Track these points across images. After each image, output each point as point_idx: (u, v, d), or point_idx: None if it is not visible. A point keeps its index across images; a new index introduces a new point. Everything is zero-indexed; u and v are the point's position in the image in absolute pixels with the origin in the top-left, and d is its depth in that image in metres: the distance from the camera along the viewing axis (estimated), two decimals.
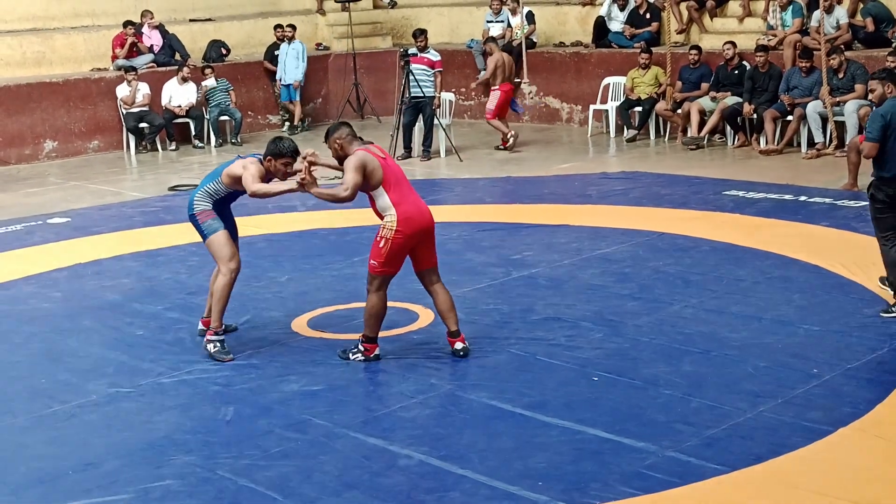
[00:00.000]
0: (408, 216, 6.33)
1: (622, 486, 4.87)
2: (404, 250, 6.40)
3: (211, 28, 17.41)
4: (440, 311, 6.64)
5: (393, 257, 6.37)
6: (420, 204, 6.46)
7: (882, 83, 7.10)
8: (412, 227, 6.33)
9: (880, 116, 6.90)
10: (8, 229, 10.64)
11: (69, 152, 15.22)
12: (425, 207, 6.49)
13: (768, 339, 6.70)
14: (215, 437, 5.61)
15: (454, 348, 6.61)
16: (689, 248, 8.85)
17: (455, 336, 6.62)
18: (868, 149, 6.95)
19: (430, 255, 6.55)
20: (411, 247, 6.42)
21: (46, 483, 5.15)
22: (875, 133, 6.89)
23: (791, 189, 10.84)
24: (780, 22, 14.07)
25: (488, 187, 11.90)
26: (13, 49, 15.64)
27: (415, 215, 6.37)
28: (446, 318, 6.62)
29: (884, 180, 6.97)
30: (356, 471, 5.15)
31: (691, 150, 13.51)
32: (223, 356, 6.69)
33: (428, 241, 6.50)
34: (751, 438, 5.30)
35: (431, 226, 6.47)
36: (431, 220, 6.48)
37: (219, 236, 6.76)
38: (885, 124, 6.87)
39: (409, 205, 6.37)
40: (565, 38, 16.85)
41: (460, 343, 6.62)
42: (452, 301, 6.63)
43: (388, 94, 16.77)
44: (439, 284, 6.59)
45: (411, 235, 6.34)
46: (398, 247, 6.33)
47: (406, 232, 6.31)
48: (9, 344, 7.27)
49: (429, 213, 6.47)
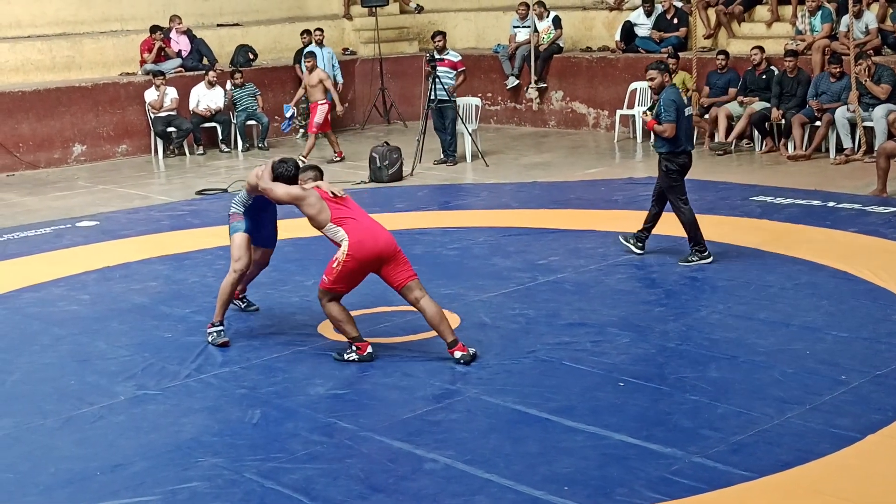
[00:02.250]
0: (359, 241, 6.48)
1: (648, 491, 4.85)
2: (355, 273, 6.56)
3: (238, 33, 17.50)
4: (431, 325, 6.65)
5: (343, 278, 6.56)
6: (376, 230, 6.55)
7: (660, 73, 8.46)
8: (364, 251, 6.48)
9: (672, 102, 8.29)
10: (37, 232, 10.72)
11: (98, 156, 15.34)
12: (384, 235, 6.55)
13: (796, 345, 6.66)
14: (242, 440, 5.63)
15: (454, 358, 6.59)
16: (717, 254, 8.80)
17: (453, 346, 6.61)
18: (669, 129, 8.31)
19: (399, 275, 6.58)
20: (367, 270, 6.58)
21: (75, 484, 5.19)
22: (673, 115, 8.27)
23: (819, 195, 10.78)
24: (808, 27, 14.01)
25: (514, 192, 11.90)
26: (43, 53, 15.78)
27: (367, 240, 6.49)
28: (438, 330, 6.63)
29: (677, 154, 8.44)
30: (382, 474, 5.16)
31: (718, 156, 13.46)
32: (220, 340, 7.08)
33: (390, 263, 6.56)
34: (778, 445, 5.27)
35: (388, 250, 6.53)
36: (387, 245, 6.53)
37: (237, 237, 7.14)
38: (678, 107, 8.30)
39: (363, 231, 6.51)
40: (592, 42, 16.84)
41: (459, 352, 6.59)
42: (441, 312, 6.63)
43: (415, 98, 16.81)
44: (424, 299, 6.60)
45: (362, 259, 6.49)
46: (348, 270, 6.52)
47: (356, 256, 6.48)
48: (38, 345, 7.33)
49: (383, 240, 6.53)
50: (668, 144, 8.44)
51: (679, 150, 8.47)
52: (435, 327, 6.64)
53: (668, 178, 8.53)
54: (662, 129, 8.35)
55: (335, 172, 13.46)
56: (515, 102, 17.17)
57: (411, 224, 10.44)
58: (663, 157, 8.53)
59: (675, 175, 8.51)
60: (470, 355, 6.60)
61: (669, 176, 8.52)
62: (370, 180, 12.81)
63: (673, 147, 8.45)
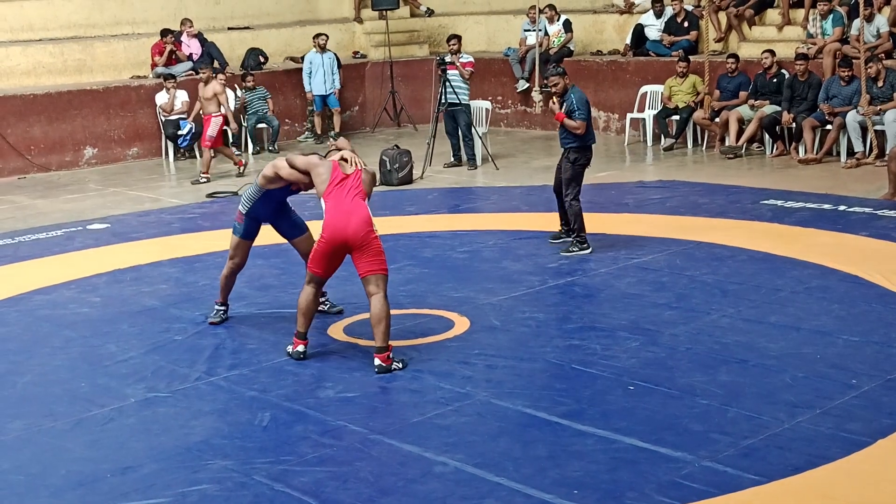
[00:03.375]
0: (331, 223, 6.58)
1: (658, 495, 4.85)
2: (327, 255, 6.65)
3: (249, 36, 17.54)
4: (371, 322, 6.61)
5: (318, 259, 6.69)
6: (351, 216, 6.55)
7: (561, 77, 9.15)
8: (332, 235, 6.57)
9: (585, 101, 9.09)
10: (48, 235, 10.76)
11: (109, 159, 15.38)
12: (357, 220, 6.53)
13: (807, 349, 6.65)
14: (251, 443, 5.64)
15: (374, 363, 6.57)
16: (727, 258, 8.79)
17: (379, 352, 6.56)
18: (583, 126, 9.02)
19: (366, 265, 6.58)
20: (337, 253, 6.66)
21: (85, 486, 5.20)
22: (585, 114, 9.06)
23: (830, 198, 10.76)
24: (820, 30, 13.98)
25: (524, 195, 11.90)
26: (55, 57, 15.84)
27: (338, 225, 6.55)
28: (374, 330, 6.58)
29: (587, 148, 9.19)
30: (391, 477, 5.16)
31: (729, 159, 13.44)
32: (214, 318, 7.63)
33: (360, 251, 6.57)
34: (788, 449, 5.26)
35: (357, 238, 6.52)
36: (358, 232, 6.51)
37: (233, 238, 7.56)
38: (588, 106, 9.16)
39: (337, 210, 6.59)
40: (602, 46, 16.83)
41: (378, 359, 6.55)
42: (385, 315, 6.53)
43: (425, 102, 16.82)
44: (376, 297, 6.55)
45: (331, 241, 6.58)
46: (320, 251, 6.66)
47: (326, 238, 6.59)
48: (49, 348, 7.35)
49: (356, 221, 6.52)
50: (579, 139, 9.09)
51: (588, 145, 9.19)
52: (373, 326, 6.59)
53: (574, 169, 9.17)
54: (577, 125, 9.01)
55: None
56: (525, 106, 17.16)
57: (421, 227, 10.45)
58: (573, 150, 9.15)
59: (582, 167, 9.22)
60: (385, 368, 6.51)
61: (576, 168, 9.17)
62: (380, 183, 12.82)
63: (583, 142, 9.13)
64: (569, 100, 9.08)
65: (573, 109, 9.00)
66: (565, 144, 9.21)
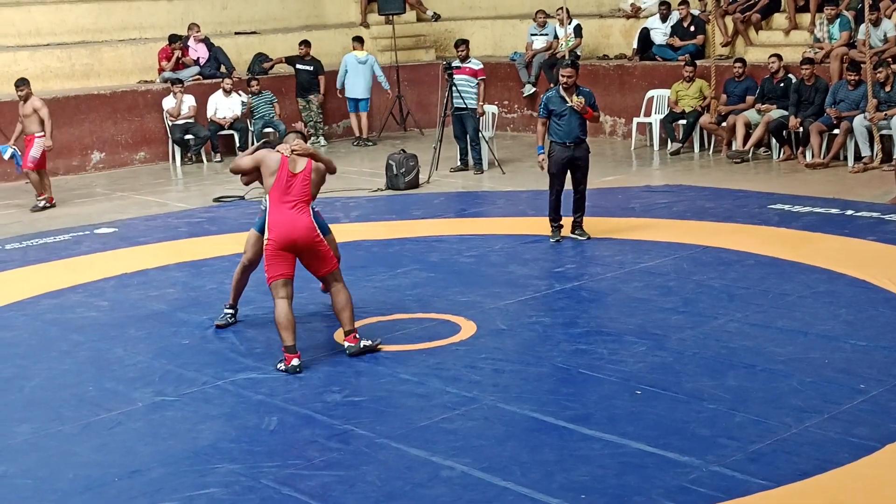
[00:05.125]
0: (276, 226, 6.73)
1: (666, 500, 4.84)
2: (278, 257, 6.75)
3: (256, 41, 17.56)
4: (334, 310, 6.94)
5: (270, 263, 6.78)
6: (296, 218, 6.73)
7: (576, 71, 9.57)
8: (280, 236, 6.71)
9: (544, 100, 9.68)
10: (56, 239, 10.78)
11: (116, 163, 15.41)
12: (302, 223, 6.74)
13: (814, 354, 6.64)
14: (259, 447, 5.65)
15: (345, 346, 6.90)
16: (734, 262, 8.79)
17: (347, 335, 6.89)
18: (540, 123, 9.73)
19: (320, 267, 6.89)
20: (287, 255, 6.76)
21: (93, 490, 5.21)
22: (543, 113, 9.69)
23: (837, 203, 10.74)
24: (827, 34, 13.96)
25: (531, 200, 11.89)
26: (62, 61, 15.87)
27: (283, 226, 6.72)
28: (339, 318, 6.90)
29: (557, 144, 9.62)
30: (398, 481, 5.16)
31: (736, 164, 13.43)
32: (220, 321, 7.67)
33: (309, 256, 6.83)
34: (796, 454, 5.25)
35: (304, 240, 6.74)
36: (305, 234, 6.74)
37: (250, 232, 7.59)
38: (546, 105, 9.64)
39: (282, 216, 6.73)
40: (609, 50, 16.83)
41: (348, 342, 6.88)
42: (348, 302, 6.85)
43: (431, 106, 16.84)
44: (337, 287, 6.87)
45: (280, 243, 6.72)
46: (270, 253, 6.76)
47: (274, 240, 6.73)
48: (56, 352, 7.36)
49: (302, 229, 6.73)
50: (586, 132, 9.69)
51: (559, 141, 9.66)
52: (339, 313, 6.88)
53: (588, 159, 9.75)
54: (598, 115, 9.83)
55: (352, 180, 13.49)
56: (532, 110, 17.15)
57: (428, 231, 10.45)
58: (585, 142, 9.69)
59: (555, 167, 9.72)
60: (358, 348, 6.84)
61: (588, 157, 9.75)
62: (386, 188, 12.83)
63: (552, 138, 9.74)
64: (585, 94, 9.51)
65: (593, 102, 9.56)
66: (581, 137, 9.58)
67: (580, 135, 9.58)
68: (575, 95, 9.46)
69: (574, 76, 9.51)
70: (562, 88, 9.56)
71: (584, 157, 9.67)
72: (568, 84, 9.50)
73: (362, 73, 16.32)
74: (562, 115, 9.51)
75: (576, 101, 9.39)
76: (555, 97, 9.61)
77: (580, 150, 9.63)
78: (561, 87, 9.60)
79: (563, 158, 9.61)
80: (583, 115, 9.47)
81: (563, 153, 9.60)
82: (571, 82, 9.49)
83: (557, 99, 9.57)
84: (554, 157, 9.65)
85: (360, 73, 16.32)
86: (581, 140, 9.60)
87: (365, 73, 16.33)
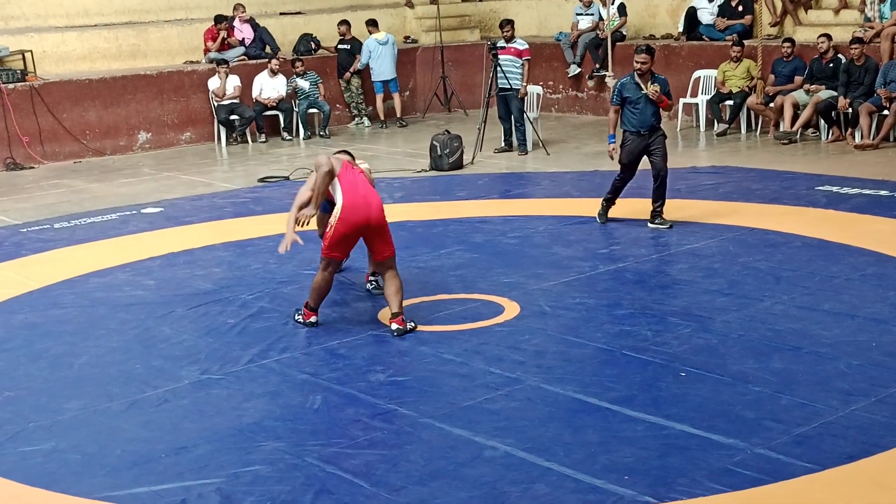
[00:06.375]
0: (351, 206, 6.80)
1: (710, 482, 4.82)
2: (347, 238, 6.91)
3: (301, 21, 17.61)
4: (386, 295, 7.07)
5: (336, 243, 6.91)
6: (370, 198, 6.88)
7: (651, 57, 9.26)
8: (354, 216, 6.81)
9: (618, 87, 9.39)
10: (104, 218, 10.90)
11: (162, 143, 15.55)
12: (376, 204, 6.90)
13: (862, 336, 6.56)
14: (303, 425, 5.69)
15: (390, 327, 7.00)
16: (781, 244, 8.71)
17: (394, 317, 7.00)
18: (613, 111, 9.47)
19: (384, 249, 7.00)
20: (357, 236, 6.93)
21: (141, 465, 5.28)
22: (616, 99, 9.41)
23: (887, 185, 10.60)
24: (878, 14, 13.75)
25: (575, 181, 11.85)
26: (109, 42, 16.02)
27: (359, 207, 6.82)
28: (390, 301, 7.03)
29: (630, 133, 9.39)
30: (441, 461, 5.18)
31: (783, 145, 13.29)
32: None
33: (377, 234, 6.95)
34: (843, 437, 5.21)
35: (376, 220, 6.88)
36: (377, 215, 6.88)
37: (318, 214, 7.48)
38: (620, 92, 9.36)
39: (356, 196, 6.83)
40: (655, 30, 16.70)
41: (395, 324, 6.97)
42: (400, 288, 6.99)
43: (475, 87, 16.80)
44: (391, 273, 7.00)
45: (353, 224, 6.82)
46: (339, 234, 6.86)
47: (346, 219, 6.81)
48: (105, 329, 7.45)
49: (376, 209, 6.88)
50: (660, 119, 9.42)
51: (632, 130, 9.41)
52: (391, 297, 7.01)
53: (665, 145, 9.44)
54: (672, 102, 9.53)
55: (396, 161, 13.51)
56: (577, 91, 17.09)
57: (472, 213, 10.44)
58: (659, 128, 9.42)
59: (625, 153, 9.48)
60: (404, 329, 6.95)
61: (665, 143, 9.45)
62: (430, 168, 12.83)
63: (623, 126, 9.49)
64: (660, 81, 9.27)
65: (668, 90, 9.29)
66: (655, 124, 9.33)
67: (654, 123, 9.31)
68: (650, 83, 9.20)
69: (649, 62, 9.21)
70: (636, 75, 9.28)
71: (660, 144, 9.34)
72: (642, 70, 9.22)
73: (385, 53, 16.33)
74: (636, 103, 9.24)
75: (651, 90, 9.13)
76: (629, 84, 9.29)
77: (655, 138, 9.33)
78: (635, 73, 9.31)
79: (636, 148, 9.35)
80: (658, 103, 9.22)
81: (636, 143, 9.33)
82: (646, 69, 9.22)
83: (632, 86, 9.27)
84: (627, 146, 9.38)
85: (383, 55, 16.34)
86: (655, 128, 9.34)
87: (387, 53, 16.34)
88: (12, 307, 8.06)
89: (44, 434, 5.70)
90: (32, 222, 10.88)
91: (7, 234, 10.43)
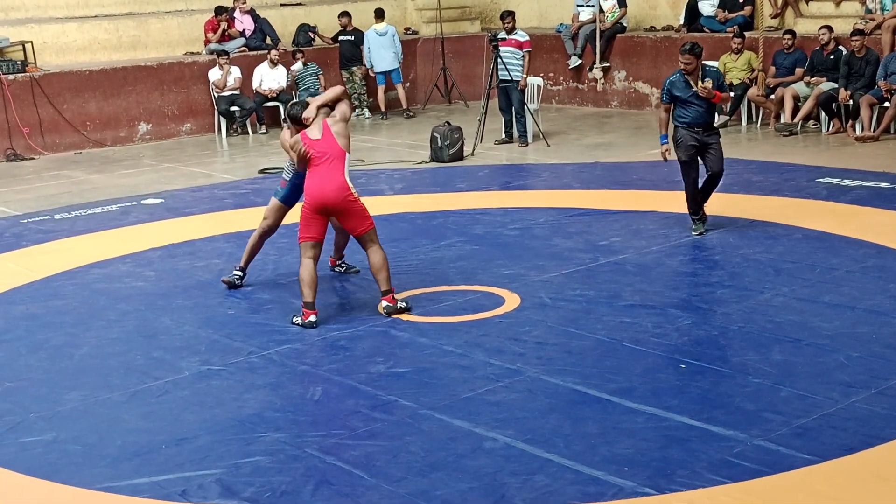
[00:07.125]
0: (309, 189, 7.05)
1: (709, 473, 4.83)
2: (311, 220, 7.05)
3: (301, 12, 17.58)
4: (371, 271, 7.21)
5: (304, 224, 7.08)
6: (326, 181, 6.98)
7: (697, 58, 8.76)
8: (313, 199, 7.02)
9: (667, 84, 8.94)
10: (104, 209, 10.90)
11: (162, 135, 15.54)
12: (333, 184, 6.98)
13: (862, 328, 6.57)
14: (303, 416, 5.70)
15: (379, 306, 7.17)
16: (781, 236, 8.71)
17: (384, 295, 7.16)
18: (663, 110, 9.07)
19: (354, 226, 7.14)
20: (320, 217, 7.06)
21: (141, 456, 5.29)
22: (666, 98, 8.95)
23: (887, 177, 10.60)
24: (879, 6, 13.73)
25: (576, 173, 11.85)
26: (110, 33, 16.00)
27: (314, 189, 7.00)
28: (376, 278, 7.18)
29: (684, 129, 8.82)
30: (441, 452, 5.19)
31: (784, 137, 13.28)
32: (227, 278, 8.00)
33: (343, 215, 7.12)
34: (842, 429, 5.21)
35: (335, 200, 7.00)
36: (335, 195, 6.98)
37: (272, 200, 7.88)
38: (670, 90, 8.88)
39: (313, 179, 7.03)
40: (656, 22, 16.67)
41: (385, 301, 7.15)
42: (384, 264, 7.15)
43: (476, 78, 16.78)
44: (372, 249, 7.15)
45: (313, 207, 7.02)
46: (305, 214, 7.07)
47: (307, 203, 7.05)
48: (105, 321, 7.46)
49: (332, 190, 6.97)
50: (714, 115, 8.98)
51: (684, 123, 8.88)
52: (376, 274, 7.16)
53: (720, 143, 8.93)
54: (728, 96, 9.01)
55: (396, 152, 13.50)
56: (578, 82, 17.07)
57: (472, 204, 10.44)
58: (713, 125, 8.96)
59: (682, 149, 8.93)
60: (395, 308, 7.12)
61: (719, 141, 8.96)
62: (431, 160, 12.83)
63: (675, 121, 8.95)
64: (712, 76, 8.82)
65: (721, 82, 8.88)
66: (709, 120, 8.86)
67: (708, 119, 8.84)
68: (700, 80, 8.71)
69: (692, 62, 8.67)
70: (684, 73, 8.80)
71: (715, 140, 8.83)
72: (688, 71, 8.72)
73: (384, 44, 16.28)
74: (687, 102, 8.75)
75: (700, 87, 8.66)
76: (678, 81, 8.79)
77: (710, 134, 8.84)
78: None
79: (693, 143, 8.78)
80: (710, 100, 8.73)
81: (692, 137, 8.78)
82: (691, 69, 8.69)
83: (681, 83, 8.76)
84: (682, 142, 8.80)
85: (382, 46, 16.29)
86: (709, 124, 8.87)
87: (386, 44, 16.29)
88: (13, 298, 8.07)
89: (44, 425, 5.71)
90: (33, 213, 10.88)
91: (7, 224, 10.44)
